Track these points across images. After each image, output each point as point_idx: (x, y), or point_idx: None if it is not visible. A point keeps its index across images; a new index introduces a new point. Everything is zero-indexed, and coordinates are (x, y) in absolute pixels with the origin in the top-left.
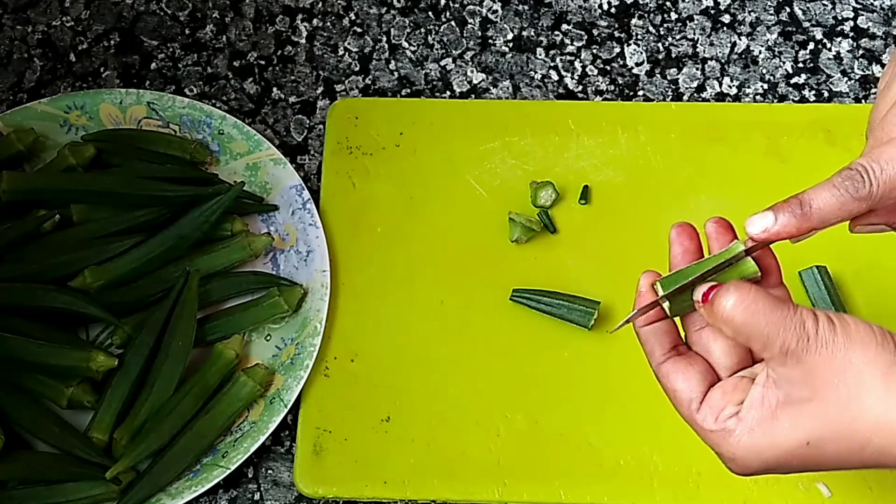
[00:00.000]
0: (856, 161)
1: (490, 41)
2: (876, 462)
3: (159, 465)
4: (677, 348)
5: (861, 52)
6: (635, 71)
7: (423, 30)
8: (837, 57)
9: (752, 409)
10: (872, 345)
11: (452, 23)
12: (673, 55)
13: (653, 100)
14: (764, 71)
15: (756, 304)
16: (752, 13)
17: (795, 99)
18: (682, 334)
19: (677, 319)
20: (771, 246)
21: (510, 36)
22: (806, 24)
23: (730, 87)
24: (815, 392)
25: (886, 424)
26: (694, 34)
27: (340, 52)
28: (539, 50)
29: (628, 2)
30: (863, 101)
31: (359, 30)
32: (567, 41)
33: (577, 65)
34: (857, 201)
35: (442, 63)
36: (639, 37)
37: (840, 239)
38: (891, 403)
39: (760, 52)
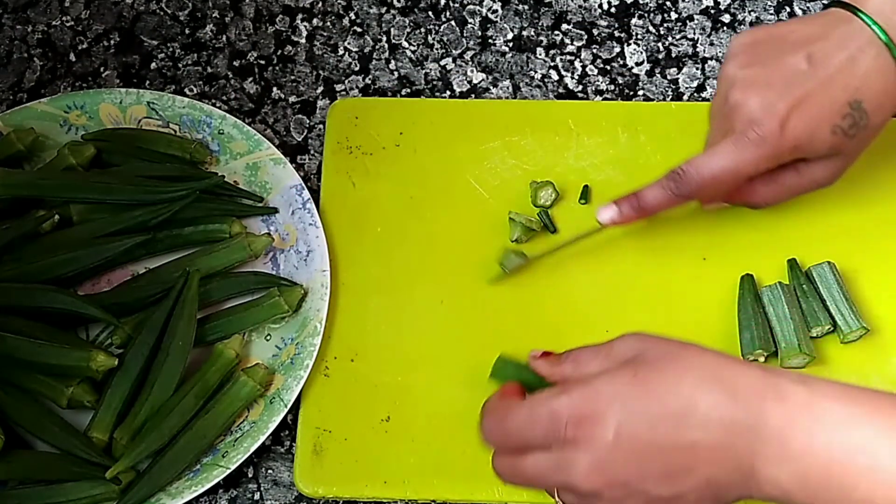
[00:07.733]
0: (679, 165)
1: (490, 41)
2: None
3: (159, 464)
4: None
5: None
6: (635, 71)
7: (423, 29)
8: None
9: None
10: None
11: (452, 22)
12: (673, 55)
13: (653, 100)
14: None
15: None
16: (752, 13)
17: None
18: None
19: None
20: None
21: (510, 36)
22: None
23: None
24: None
25: None
26: (694, 34)
27: (340, 52)
28: (539, 50)
29: (628, 1)
30: None
31: (359, 29)
32: (567, 41)
33: (577, 64)
34: (678, 197)
35: (442, 63)
36: (639, 36)
37: (849, 235)
38: None
39: None
